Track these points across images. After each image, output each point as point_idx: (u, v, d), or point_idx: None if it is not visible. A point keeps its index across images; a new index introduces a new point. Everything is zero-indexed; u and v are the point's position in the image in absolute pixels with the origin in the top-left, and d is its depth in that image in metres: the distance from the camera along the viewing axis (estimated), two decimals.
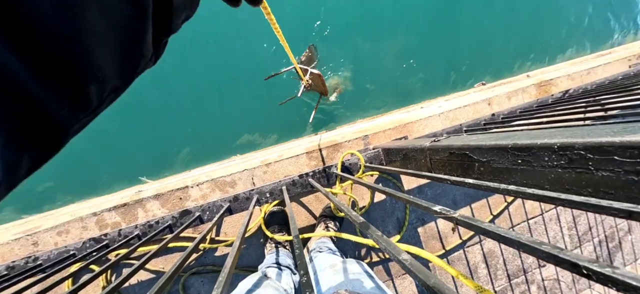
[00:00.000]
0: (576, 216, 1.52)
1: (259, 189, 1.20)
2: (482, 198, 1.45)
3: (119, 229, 1.15)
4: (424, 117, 1.43)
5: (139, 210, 1.22)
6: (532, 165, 0.47)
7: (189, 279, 1.25)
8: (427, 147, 0.80)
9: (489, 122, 1.32)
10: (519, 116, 1.24)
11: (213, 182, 1.26)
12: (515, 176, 0.51)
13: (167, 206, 1.24)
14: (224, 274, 0.41)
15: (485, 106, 1.49)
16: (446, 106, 1.49)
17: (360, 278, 0.69)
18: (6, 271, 1.09)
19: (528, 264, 1.48)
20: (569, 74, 1.62)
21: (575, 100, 1.14)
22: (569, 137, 0.41)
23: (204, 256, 1.26)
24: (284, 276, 0.95)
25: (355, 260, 0.93)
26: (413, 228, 1.39)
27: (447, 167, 0.72)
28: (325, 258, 0.96)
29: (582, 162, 0.39)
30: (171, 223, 1.16)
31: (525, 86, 1.53)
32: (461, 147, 0.64)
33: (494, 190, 0.43)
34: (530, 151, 0.47)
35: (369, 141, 1.38)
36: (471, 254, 1.44)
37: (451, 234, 1.42)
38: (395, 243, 0.35)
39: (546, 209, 1.47)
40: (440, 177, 0.55)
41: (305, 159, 1.32)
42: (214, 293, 0.37)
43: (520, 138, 0.50)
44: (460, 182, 0.50)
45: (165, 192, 1.24)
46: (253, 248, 1.27)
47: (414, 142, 0.96)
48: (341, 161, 1.20)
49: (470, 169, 0.64)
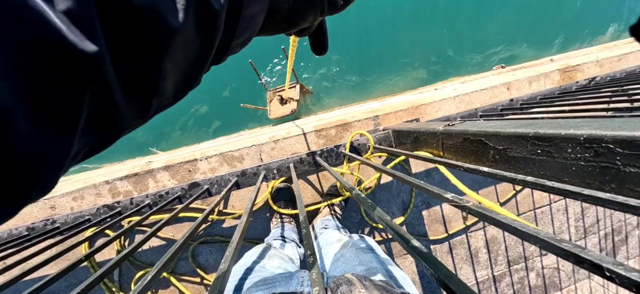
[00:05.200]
0: (585, 208, 1.49)
1: (267, 166, 1.21)
2: (490, 185, 1.43)
3: (131, 198, 1.18)
4: (437, 99, 1.38)
5: (150, 180, 1.26)
6: (553, 156, 0.45)
7: (198, 248, 1.30)
8: (440, 131, 0.77)
9: (506, 107, 1.27)
10: (540, 102, 1.18)
11: (221, 157, 1.27)
12: (532, 166, 0.49)
13: (177, 177, 1.26)
14: (232, 249, 0.41)
15: (503, 90, 1.43)
16: (462, 89, 1.44)
17: (366, 254, 0.69)
18: (27, 231, 1.15)
19: (529, 252, 1.49)
20: (598, 60, 1.52)
21: (601, 88, 1.08)
22: (597, 129, 0.39)
23: (212, 226, 1.30)
24: (288, 247, 0.98)
25: (358, 236, 0.94)
26: (418, 210, 1.39)
27: (460, 153, 0.70)
28: (330, 234, 0.98)
29: (610, 157, 0.37)
30: (180, 194, 1.19)
31: (548, 71, 1.45)
32: (477, 133, 0.62)
33: (510, 180, 0.41)
34: (553, 141, 0.45)
35: (379, 122, 1.35)
36: (473, 239, 1.45)
37: (455, 219, 1.42)
38: (404, 232, 0.35)
39: (554, 199, 1.45)
40: (453, 164, 0.53)
41: (314, 137, 1.31)
42: (221, 266, 0.38)
43: (542, 127, 0.47)
44: (475, 170, 0.48)
45: (175, 164, 1.26)
46: (259, 221, 1.30)
47: (426, 125, 0.93)
48: (350, 141, 1.19)
49: (485, 156, 0.62)
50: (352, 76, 3.75)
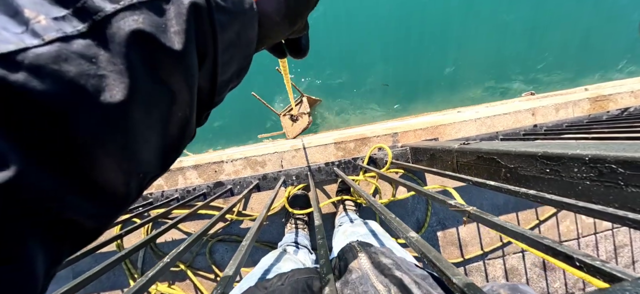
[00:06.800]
0: (618, 247, 1.39)
1: (287, 172, 1.27)
2: (512, 212, 1.38)
3: (162, 191, 1.29)
4: (458, 121, 1.39)
5: (180, 177, 1.36)
6: (561, 175, 0.47)
7: (215, 245, 1.37)
8: (455, 149, 0.80)
9: (529, 133, 1.25)
10: (566, 130, 1.15)
11: (245, 160, 1.36)
12: (541, 185, 0.51)
13: (204, 176, 1.36)
14: (247, 241, 0.47)
15: (528, 116, 1.41)
16: (484, 112, 1.43)
17: (364, 226, 0.74)
18: None
19: (554, 288, 1.40)
20: (633, 91, 1.45)
21: (635, 119, 1.04)
22: (602, 150, 0.41)
23: (231, 226, 1.37)
24: (301, 253, 1.01)
25: (361, 220, 0.97)
26: (433, 230, 1.38)
27: (473, 171, 0.72)
28: (343, 227, 1.01)
29: (612, 177, 0.39)
30: (206, 192, 1.28)
31: (577, 99, 1.41)
32: (489, 152, 0.64)
33: (513, 194, 0.43)
34: (560, 160, 0.46)
35: (398, 139, 1.38)
36: (491, 268, 1.39)
37: (472, 244, 1.38)
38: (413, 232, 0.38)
39: (583, 233, 1.36)
40: (462, 177, 0.56)
41: (333, 149, 1.36)
42: (227, 270, 0.43)
43: (551, 147, 0.49)
44: (482, 184, 0.51)
45: (203, 164, 1.36)
46: (275, 225, 1.35)
47: (443, 144, 0.95)
48: (369, 154, 1.22)
49: (497, 174, 0.63)
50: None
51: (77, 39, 0.11)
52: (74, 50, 0.11)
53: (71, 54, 0.11)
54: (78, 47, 0.11)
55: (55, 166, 0.11)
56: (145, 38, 0.13)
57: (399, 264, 0.44)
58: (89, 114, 0.12)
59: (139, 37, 0.13)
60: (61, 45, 0.11)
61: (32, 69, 0.10)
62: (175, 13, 0.14)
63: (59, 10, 0.11)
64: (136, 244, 0.55)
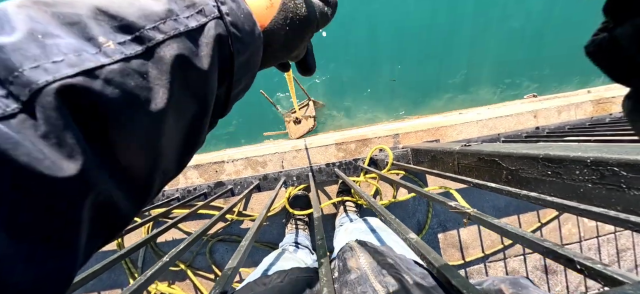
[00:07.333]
0: (621, 251, 1.38)
1: (287, 172, 1.27)
2: (513, 214, 1.37)
3: (163, 190, 1.30)
4: (459, 122, 1.38)
5: (181, 176, 1.37)
6: (562, 177, 0.46)
7: (216, 245, 1.37)
8: (457, 150, 0.79)
9: (531, 135, 1.24)
10: (568, 132, 1.15)
11: (246, 160, 1.36)
12: (542, 187, 0.50)
13: (204, 176, 1.36)
14: (247, 241, 0.47)
15: (530, 118, 1.40)
16: (486, 114, 1.43)
17: (365, 224, 0.75)
18: None
19: (556, 292, 1.39)
20: None
21: None
22: (604, 152, 0.40)
23: (231, 226, 1.37)
24: (301, 253, 1.01)
25: (361, 218, 0.97)
26: (433, 232, 1.37)
27: (475, 173, 0.72)
28: (345, 227, 1.01)
29: (614, 179, 0.38)
30: (206, 192, 1.28)
31: (579, 101, 1.41)
32: (491, 154, 0.64)
33: (515, 196, 0.43)
34: (562, 163, 0.46)
35: (399, 140, 1.37)
36: (492, 270, 1.38)
37: (473, 246, 1.38)
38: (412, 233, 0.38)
39: (585, 236, 1.35)
40: (463, 179, 0.55)
41: (334, 150, 1.36)
42: (234, 257, 0.43)
43: (553, 149, 0.49)
44: (483, 186, 0.50)
45: (204, 163, 1.36)
46: (275, 226, 1.35)
47: (444, 145, 0.95)
48: (370, 155, 1.22)
49: (498, 176, 0.63)
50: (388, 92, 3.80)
51: (135, 59, 0.15)
52: (133, 68, 0.15)
53: (131, 71, 0.15)
54: (135, 65, 0.15)
55: (111, 155, 0.15)
56: (183, 60, 0.17)
57: (398, 264, 0.44)
58: (140, 115, 0.15)
59: (180, 59, 0.16)
60: (124, 64, 0.14)
61: (106, 81, 0.14)
62: (205, 41, 0.18)
63: (123, 37, 0.15)
64: (136, 243, 0.55)
